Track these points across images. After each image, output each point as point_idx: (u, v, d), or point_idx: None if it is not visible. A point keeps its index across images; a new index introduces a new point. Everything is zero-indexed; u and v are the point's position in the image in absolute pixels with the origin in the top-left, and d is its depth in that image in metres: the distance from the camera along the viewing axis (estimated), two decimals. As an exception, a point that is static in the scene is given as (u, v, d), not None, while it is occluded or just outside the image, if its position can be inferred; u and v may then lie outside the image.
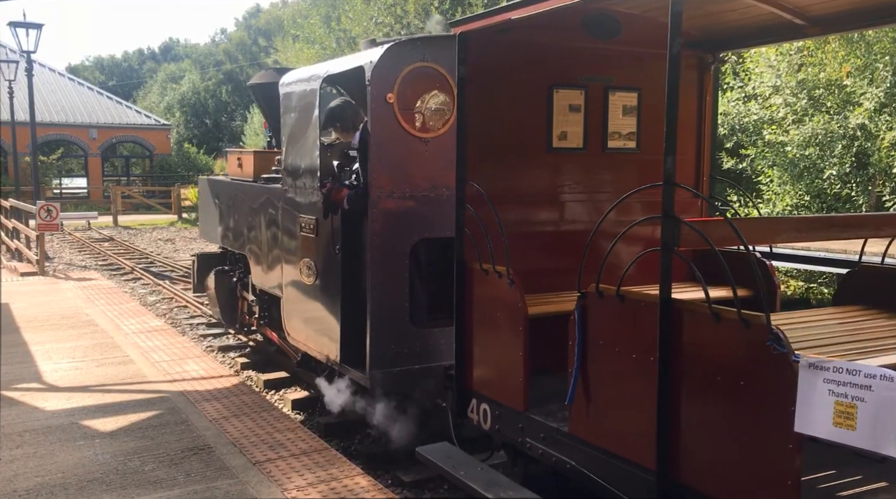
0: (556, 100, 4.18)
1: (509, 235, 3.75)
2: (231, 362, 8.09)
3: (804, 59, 16.97)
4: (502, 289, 3.56)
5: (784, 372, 2.43)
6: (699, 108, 4.54)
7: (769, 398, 2.49)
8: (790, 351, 2.43)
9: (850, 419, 2.27)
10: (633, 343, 2.94)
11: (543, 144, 4.22)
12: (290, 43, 29.34)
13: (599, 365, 3.11)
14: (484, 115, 3.97)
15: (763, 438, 2.52)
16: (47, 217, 12.87)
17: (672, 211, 2.76)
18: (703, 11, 3.91)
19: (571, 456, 3.26)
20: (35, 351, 7.38)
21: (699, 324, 2.71)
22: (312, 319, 5.55)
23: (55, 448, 4.87)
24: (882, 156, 15.75)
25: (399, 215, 4.74)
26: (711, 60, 4.48)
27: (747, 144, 18.04)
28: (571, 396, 3.21)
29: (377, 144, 4.70)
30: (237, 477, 4.40)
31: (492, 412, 3.75)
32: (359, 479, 4.33)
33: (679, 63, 2.71)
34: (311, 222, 5.34)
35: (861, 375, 2.25)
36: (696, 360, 2.73)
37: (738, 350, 2.58)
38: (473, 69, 3.86)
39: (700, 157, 4.56)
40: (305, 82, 5.47)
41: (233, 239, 7.51)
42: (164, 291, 12.62)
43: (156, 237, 22.32)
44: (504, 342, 3.60)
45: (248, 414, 5.52)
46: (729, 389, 2.62)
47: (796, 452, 2.44)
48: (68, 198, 34.38)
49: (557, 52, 4.15)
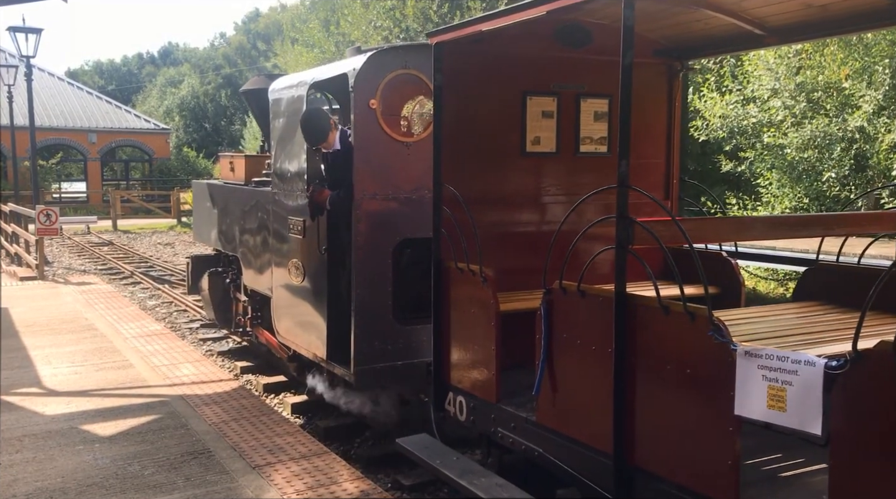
0: (530, 106, 4.48)
1: (486, 236, 4.02)
2: (231, 366, 8.21)
3: (803, 61, 17.15)
4: (476, 287, 3.84)
5: (724, 360, 2.69)
6: (668, 113, 4.82)
7: (711, 385, 2.75)
8: (729, 341, 2.69)
9: (780, 402, 2.53)
10: (593, 336, 3.21)
11: (517, 148, 4.52)
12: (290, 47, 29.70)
13: (563, 357, 3.38)
14: (461, 121, 4.26)
15: (706, 421, 2.78)
16: (46, 221, 13.11)
17: (626, 211, 3.02)
18: (670, 22, 4.19)
19: (539, 444, 3.52)
20: (34, 355, 7.46)
21: (651, 317, 2.97)
22: (301, 317, 5.82)
23: (55, 453, 4.92)
24: (881, 158, 15.91)
25: (382, 217, 5.04)
26: (680, 68, 4.77)
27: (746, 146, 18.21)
28: (538, 387, 3.48)
29: (360, 148, 4.99)
30: (237, 481, 4.44)
31: (467, 405, 4.03)
32: (358, 482, 4.38)
33: (631, 73, 2.98)
34: (298, 224, 5.64)
35: (789, 361, 2.51)
36: (649, 350, 3.00)
37: (685, 341, 2.85)
38: (450, 77, 4.15)
39: (670, 160, 4.84)
40: (293, 89, 5.79)
41: (225, 241, 7.81)
42: (163, 296, 12.79)
43: (155, 241, 22.59)
44: (478, 338, 3.88)
45: (247, 418, 5.59)
46: (677, 377, 2.88)
47: (736, 433, 2.70)
48: (68, 202, 34.77)
49: (530, 61, 4.44)
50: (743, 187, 18.60)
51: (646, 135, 4.74)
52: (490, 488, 3.56)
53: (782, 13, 3.75)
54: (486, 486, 3.58)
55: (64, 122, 35.26)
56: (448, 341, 4.16)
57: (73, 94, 38.09)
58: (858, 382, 2.34)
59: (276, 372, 7.67)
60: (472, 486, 3.59)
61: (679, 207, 4.91)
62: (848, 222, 3.72)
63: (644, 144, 4.76)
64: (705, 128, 17.85)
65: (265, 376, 7.66)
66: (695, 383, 2.82)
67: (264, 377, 7.58)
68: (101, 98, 39.53)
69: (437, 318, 4.21)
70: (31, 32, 19.00)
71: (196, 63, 57.82)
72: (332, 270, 5.27)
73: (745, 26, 3.92)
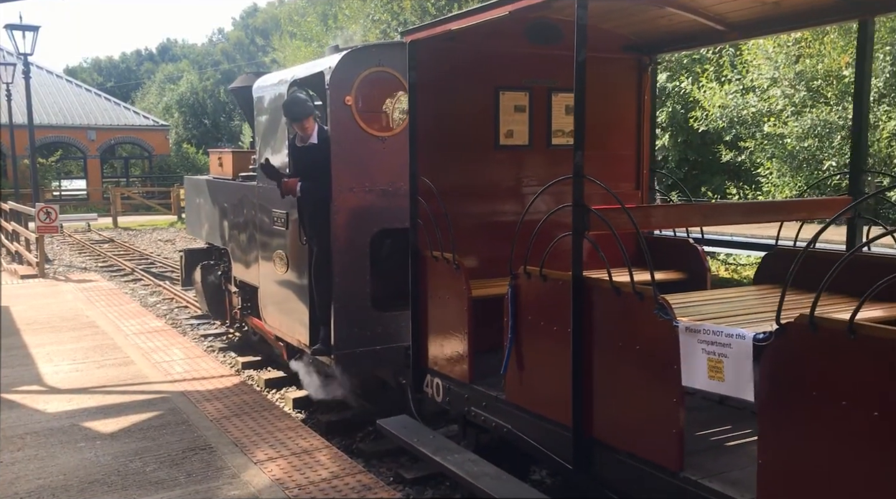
0: (503, 101, 4.76)
1: (462, 226, 4.30)
2: (232, 362, 8.33)
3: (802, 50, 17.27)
4: (450, 274, 4.12)
5: (668, 336, 2.96)
6: (638, 106, 5.09)
7: (658, 359, 3.02)
8: (672, 318, 2.96)
9: (719, 372, 2.80)
10: (554, 317, 3.48)
11: (491, 141, 4.80)
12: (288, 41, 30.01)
13: (528, 338, 3.66)
14: (436, 116, 4.55)
15: (654, 394, 3.05)
16: (46, 219, 13.25)
17: (581, 200, 3.29)
18: (637, 18, 4.44)
19: (508, 421, 3.81)
20: (35, 353, 7.54)
21: (605, 298, 3.24)
22: (285, 306, 6.14)
23: (56, 450, 4.97)
24: (882, 146, 16.03)
25: (359, 208, 5.36)
26: (648, 62, 5.04)
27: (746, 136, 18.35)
28: (506, 366, 3.76)
29: (337, 142, 5.31)
30: (239, 477, 4.50)
31: (443, 386, 4.32)
32: (360, 476, 4.44)
33: (585, 70, 3.24)
34: (282, 216, 5.97)
35: (723, 335, 2.77)
36: (603, 329, 3.27)
37: (634, 319, 3.12)
38: (425, 73, 4.44)
39: (640, 152, 5.10)
40: (275, 86, 6.12)
41: (216, 234, 8.16)
42: (164, 292, 12.94)
43: (156, 238, 22.86)
44: (452, 322, 4.16)
45: (248, 413, 5.65)
46: (628, 353, 3.16)
47: (680, 404, 2.97)
48: (68, 200, 35.18)
49: (503, 57, 4.72)
50: (743, 177, 18.76)
51: (616, 127, 5.01)
52: (463, 463, 3.86)
53: (739, 9, 4.00)
54: (458, 461, 3.88)
55: (63, 119, 35.66)
56: (425, 326, 4.45)
57: (72, 91, 38.49)
58: (781, 352, 2.61)
59: (278, 367, 7.84)
60: (446, 461, 3.89)
61: (650, 197, 5.17)
62: (802, 208, 3.97)
63: (615, 136, 5.03)
64: (705, 118, 18.01)
65: (266, 371, 7.80)
66: (643, 358, 3.09)
67: (265, 373, 7.71)
68: (100, 95, 39.92)
69: (414, 304, 4.51)
70: (28, 30, 19.20)
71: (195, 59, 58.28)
72: (312, 260, 5.59)
73: (707, 22, 4.17)
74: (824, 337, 2.48)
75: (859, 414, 2.39)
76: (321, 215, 5.46)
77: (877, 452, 2.36)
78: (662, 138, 20.11)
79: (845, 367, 2.43)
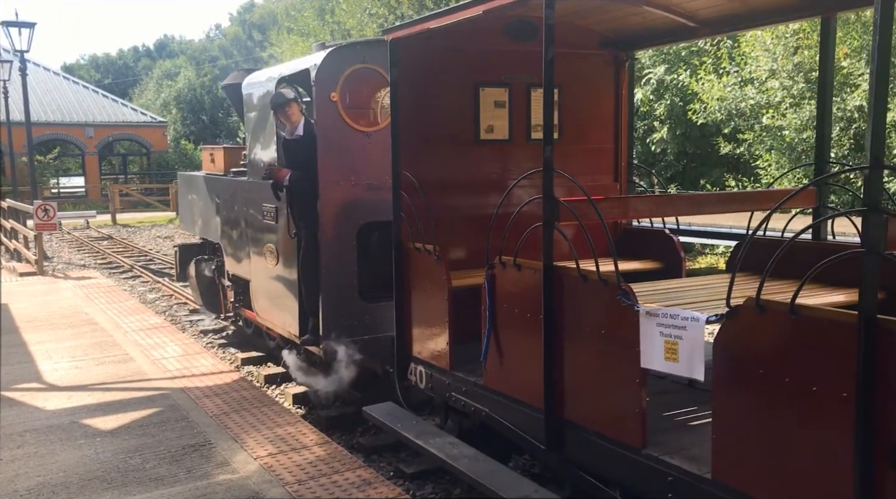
0: (483, 97, 5.00)
1: (444, 219, 4.52)
2: (231, 358, 8.40)
3: (800, 41, 17.37)
4: (431, 264, 4.34)
5: (630, 320, 3.17)
6: (616, 101, 5.30)
7: (621, 342, 3.23)
8: (634, 303, 3.17)
9: (674, 354, 3.01)
10: (527, 304, 3.70)
11: (472, 136, 5.02)
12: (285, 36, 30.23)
13: (504, 325, 3.88)
14: (418, 112, 4.77)
15: (618, 375, 3.26)
16: (44, 217, 13.38)
17: (552, 192, 3.50)
18: (612, 15, 4.65)
19: (486, 404, 4.03)
20: (35, 351, 7.61)
21: (573, 285, 3.46)
22: (276, 298, 6.38)
23: (56, 447, 5.02)
24: (884, 135, 16.19)
25: (346, 202, 5.59)
26: (625, 58, 5.25)
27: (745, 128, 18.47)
28: (485, 352, 3.98)
29: (323, 137, 5.54)
30: (239, 473, 4.54)
31: (426, 373, 4.54)
32: (360, 472, 4.49)
33: (553, 67, 3.45)
34: (271, 211, 6.21)
35: (679, 318, 2.98)
36: (572, 315, 3.49)
37: (600, 305, 3.33)
38: (408, 71, 4.66)
39: (618, 145, 5.32)
40: (264, 83, 6.38)
41: (209, 229, 8.41)
42: (163, 289, 13.07)
43: (154, 235, 23.08)
44: (434, 311, 4.38)
45: (248, 409, 5.70)
46: (595, 337, 3.37)
47: (642, 385, 3.18)
48: (66, 197, 35.43)
49: (483, 54, 4.95)
50: (742, 169, 18.91)
51: (595, 121, 5.22)
52: (443, 446, 4.09)
53: (708, 7, 4.20)
54: (439, 444, 4.11)
55: (61, 116, 35.94)
56: (409, 316, 4.68)
57: (70, 88, 38.77)
58: (731, 332, 2.82)
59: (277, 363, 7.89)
60: (427, 444, 4.12)
61: (630, 188, 5.38)
62: (771, 198, 4.17)
63: (593, 130, 5.25)
64: (703, 110, 18.14)
65: (266, 367, 7.90)
66: (608, 341, 3.30)
67: (265, 369, 7.81)
68: (98, 92, 40.19)
69: (398, 294, 4.74)
70: (24, 27, 19.37)
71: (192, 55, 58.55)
72: (301, 253, 5.81)
73: (678, 19, 4.38)
74: (769, 318, 2.69)
75: (801, 390, 2.60)
76: (309, 207, 5.70)
77: (816, 425, 2.57)
78: (661, 131, 20.24)
79: (788, 345, 2.64)
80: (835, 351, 2.49)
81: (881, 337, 2.38)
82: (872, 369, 2.38)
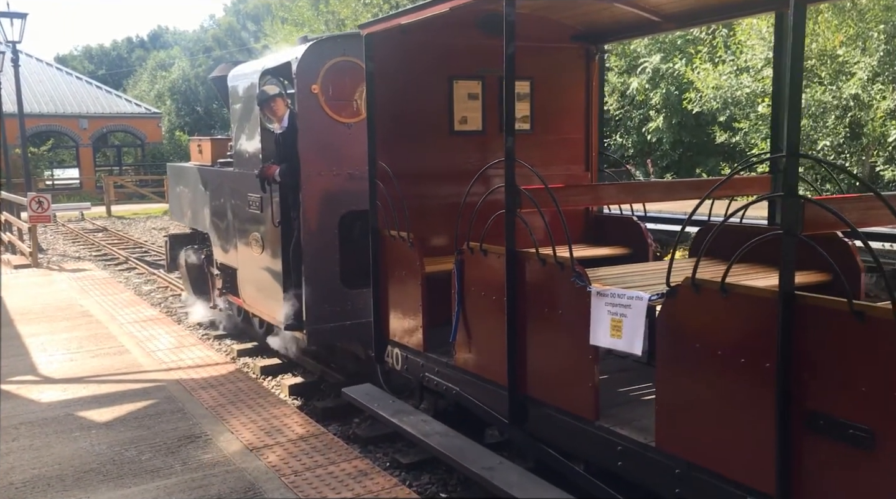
0: (456, 89, 5.30)
1: (420, 207, 4.80)
2: (227, 350, 8.47)
3: (796, 28, 17.55)
4: (406, 251, 4.63)
5: (583, 300, 3.45)
6: (587, 93, 5.58)
7: (575, 321, 3.51)
8: (587, 284, 3.45)
9: (618, 331, 3.30)
10: (492, 287, 3.98)
11: (446, 127, 5.31)
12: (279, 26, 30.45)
13: (472, 308, 4.17)
14: (395, 104, 5.06)
15: (573, 352, 3.55)
16: (39, 209, 13.56)
17: (514, 181, 3.77)
18: (582, 10, 4.93)
19: (456, 383, 4.33)
20: (30, 343, 7.69)
21: (533, 269, 3.74)
22: (261, 285, 6.70)
23: (51, 440, 5.07)
24: (876, 126, 16.32)
25: (327, 191, 5.88)
26: (595, 51, 5.53)
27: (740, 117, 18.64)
28: (454, 334, 4.27)
29: (305, 129, 5.82)
30: (234, 463, 4.61)
31: (402, 356, 4.84)
32: (356, 462, 4.56)
33: (514, 62, 3.73)
34: (256, 200, 6.51)
35: (625, 298, 3.26)
36: (532, 297, 3.77)
37: (557, 287, 3.62)
38: (384, 64, 4.94)
39: (588, 135, 5.60)
40: (248, 76, 6.65)
41: (197, 219, 8.75)
42: (158, 281, 13.10)
43: (149, 226, 23.25)
44: (409, 296, 4.68)
45: (244, 401, 5.75)
46: (552, 317, 3.66)
47: (595, 361, 3.46)
48: (61, 189, 35.74)
49: (456, 48, 5.24)
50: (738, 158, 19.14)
51: (566, 113, 5.50)
52: (416, 423, 4.41)
53: (672, 2, 4.46)
54: (412, 422, 4.43)
55: (54, 108, 36.23)
56: (386, 301, 4.97)
57: (63, 79, 39.04)
58: (671, 310, 3.10)
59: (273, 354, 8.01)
60: (401, 422, 4.44)
61: (600, 177, 5.67)
62: (729, 186, 4.44)
63: (564, 121, 5.53)
64: (699, 99, 18.33)
65: (262, 358, 8.01)
66: (564, 321, 3.59)
67: (261, 360, 7.92)
68: (92, 83, 40.46)
69: (375, 280, 5.04)
70: (16, 17, 19.49)
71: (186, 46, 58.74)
72: (285, 241, 6.10)
73: (644, 14, 4.64)
74: (704, 296, 2.97)
75: (730, 362, 2.88)
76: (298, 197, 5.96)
77: (744, 394, 2.85)
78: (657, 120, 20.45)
79: (719, 321, 2.92)
80: (758, 326, 2.77)
81: (799, 312, 2.65)
82: (791, 342, 2.66)
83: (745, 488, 2.85)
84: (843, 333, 2.52)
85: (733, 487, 2.90)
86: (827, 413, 2.58)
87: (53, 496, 4.28)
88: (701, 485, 3.02)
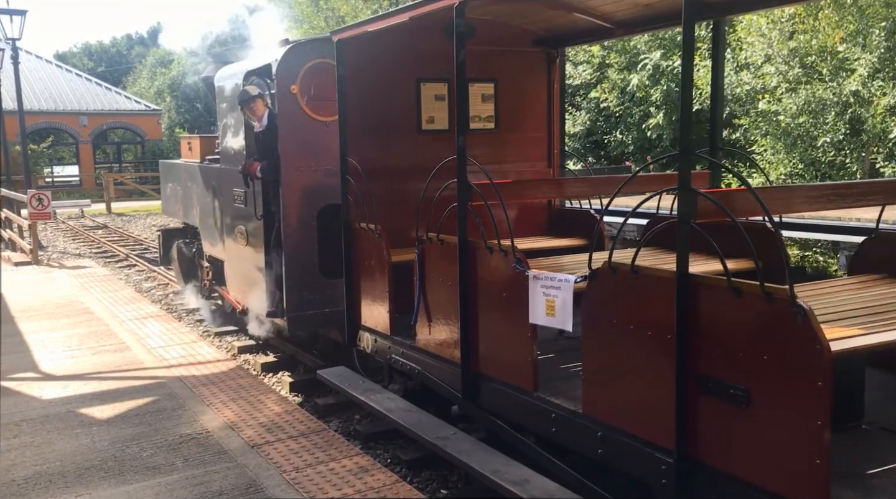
0: (424, 91, 5.86)
1: (388, 201, 5.35)
2: (228, 346, 8.73)
3: (796, 26, 17.91)
4: (374, 242, 5.17)
5: (522, 283, 3.97)
6: (548, 94, 6.12)
7: (516, 303, 4.04)
8: (525, 269, 3.97)
9: (552, 310, 3.81)
10: (448, 275, 4.51)
11: (414, 126, 5.86)
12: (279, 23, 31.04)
13: (431, 293, 4.70)
14: (365, 104, 5.61)
15: (514, 332, 4.08)
16: (39, 206, 13.98)
17: (465, 177, 4.30)
18: (541, 17, 5.47)
19: (418, 363, 4.88)
20: (30, 340, 7.89)
21: (482, 257, 4.26)
22: (246, 277, 7.29)
23: (53, 437, 5.19)
24: (876, 122, 16.66)
25: (306, 186, 6.44)
26: (556, 55, 6.05)
27: (740, 113, 19.03)
28: (415, 317, 4.80)
29: (285, 127, 6.37)
30: (235, 460, 4.72)
31: (372, 339, 5.40)
32: (357, 458, 4.68)
33: (465, 68, 4.26)
34: (241, 195, 7.08)
35: (556, 280, 3.78)
36: (482, 282, 4.29)
37: (501, 272, 4.15)
38: (356, 67, 5.49)
39: (551, 134, 6.13)
40: (233, 77, 7.19)
41: (188, 214, 9.41)
42: (159, 278, 13.45)
43: (150, 223, 23.78)
44: (377, 283, 5.22)
45: (245, 397, 5.90)
46: (498, 300, 4.19)
47: (533, 339, 3.98)
48: (61, 186, 36.41)
49: (424, 52, 5.80)
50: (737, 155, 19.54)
51: (529, 113, 6.04)
52: (382, 400, 4.97)
53: (620, 10, 4.99)
54: (379, 399, 4.99)
55: (54, 105, 37.01)
56: (357, 288, 5.53)
57: (63, 76, 39.84)
58: (593, 290, 3.61)
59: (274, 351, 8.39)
60: (370, 400, 5.00)
61: (562, 174, 6.21)
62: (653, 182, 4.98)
63: (528, 120, 6.07)
64: (699, 96, 18.73)
65: (262, 355, 8.30)
66: (507, 303, 4.12)
67: (261, 357, 8.19)
68: (91, 80, 41.24)
69: (347, 269, 5.60)
70: (15, 14, 19.96)
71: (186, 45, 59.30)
72: (267, 234, 6.65)
73: (597, 21, 5.16)
74: (619, 278, 3.48)
75: (640, 334, 3.39)
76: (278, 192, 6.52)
77: (650, 362, 3.36)
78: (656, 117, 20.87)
79: (630, 299, 3.43)
80: (661, 302, 3.27)
81: (693, 290, 3.16)
82: (686, 315, 3.17)
83: (653, 445, 3.36)
84: (724, 307, 3.03)
85: (643, 445, 3.40)
86: (714, 376, 3.08)
87: (55, 493, 4.39)
88: (618, 446, 3.53)
